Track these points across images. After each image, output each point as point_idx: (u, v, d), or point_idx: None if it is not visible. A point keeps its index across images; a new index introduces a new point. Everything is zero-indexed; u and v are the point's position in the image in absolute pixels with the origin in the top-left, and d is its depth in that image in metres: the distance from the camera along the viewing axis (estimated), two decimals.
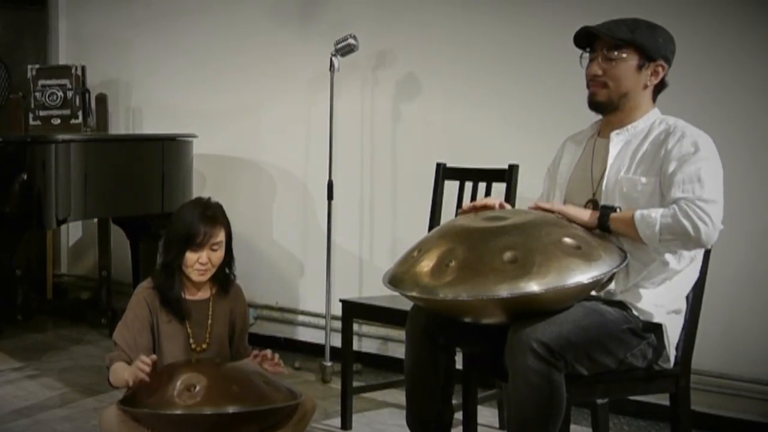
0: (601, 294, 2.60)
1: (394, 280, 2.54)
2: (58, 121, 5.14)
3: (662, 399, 2.98)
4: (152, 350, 2.90)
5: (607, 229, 2.55)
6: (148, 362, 2.72)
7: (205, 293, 3.01)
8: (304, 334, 4.80)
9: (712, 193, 2.46)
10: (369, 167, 4.55)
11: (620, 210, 2.55)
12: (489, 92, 4.17)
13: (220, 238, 2.92)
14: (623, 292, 2.58)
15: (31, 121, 5.17)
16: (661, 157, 2.56)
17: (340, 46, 4.23)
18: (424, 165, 4.00)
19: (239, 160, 5.04)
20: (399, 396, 3.82)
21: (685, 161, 2.51)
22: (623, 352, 2.52)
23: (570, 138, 2.87)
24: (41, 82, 5.17)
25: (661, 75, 2.65)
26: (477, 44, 4.19)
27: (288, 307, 4.87)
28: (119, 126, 5.56)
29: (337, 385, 3.86)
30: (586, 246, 2.44)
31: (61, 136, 4.07)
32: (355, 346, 4.09)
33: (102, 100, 5.39)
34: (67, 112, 5.15)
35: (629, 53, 2.62)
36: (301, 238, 4.81)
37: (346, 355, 3.60)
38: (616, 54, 2.62)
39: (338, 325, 3.84)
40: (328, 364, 4.26)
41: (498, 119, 4.15)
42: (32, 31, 5.86)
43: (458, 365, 2.78)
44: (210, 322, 2.98)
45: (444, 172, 3.82)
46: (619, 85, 2.64)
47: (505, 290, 2.32)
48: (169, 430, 2.73)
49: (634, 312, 2.56)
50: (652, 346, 2.58)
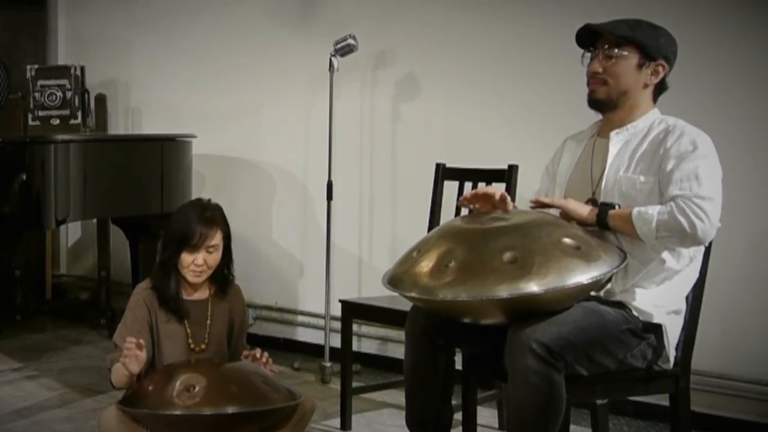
0: (601, 294, 2.60)
1: (394, 281, 2.54)
2: (58, 122, 5.13)
3: (662, 399, 2.98)
4: (152, 350, 2.90)
5: (606, 226, 2.55)
6: (133, 341, 2.73)
7: (203, 293, 3.00)
8: (304, 335, 4.80)
9: (710, 190, 2.46)
10: (368, 167, 4.55)
11: (619, 207, 2.55)
12: (489, 92, 4.16)
13: (216, 241, 2.91)
14: (622, 292, 2.58)
15: (31, 122, 5.16)
16: (660, 156, 2.56)
17: (340, 46, 4.22)
18: (424, 165, 4.00)
19: (239, 161, 5.04)
20: (398, 396, 3.81)
21: (683, 159, 2.51)
22: (623, 353, 2.52)
23: (570, 137, 2.87)
24: (40, 83, 5.16)
25: (661, 75, 2.65)
26: (477, 44, 4.18)
27: (287, 308, 4.87)
28: (118, 126, 5.56)
29: (336, 385, 3.86)
30: (586, 246, 2.43)
31: (61, 137, 4.06)
32: (355, 347, 4.08)
33: (101, 100, 5.39)
34: (67, 113, 5.14)
35: (630, 51, 2.62)
36: (301, 239, 4.81)
37: (345, 356, 3.60)
38: (616, 51, 2.62)
39: (337, 325, 3.84)
40: (328, 364, 4.26)
41: (498, 119, 4.14)
42: (31, 32, 5.86)
43: (458, 366, 2.78)
44: (209, 322, 2.98)
45: (443, 173, 3.82)
46: (619, 82, 2.64)
47: (504, 291, 2.32)
48: (169, 431, 2.72)
49: (634, 312, 2.56)
50: (652, 347, 2.58)
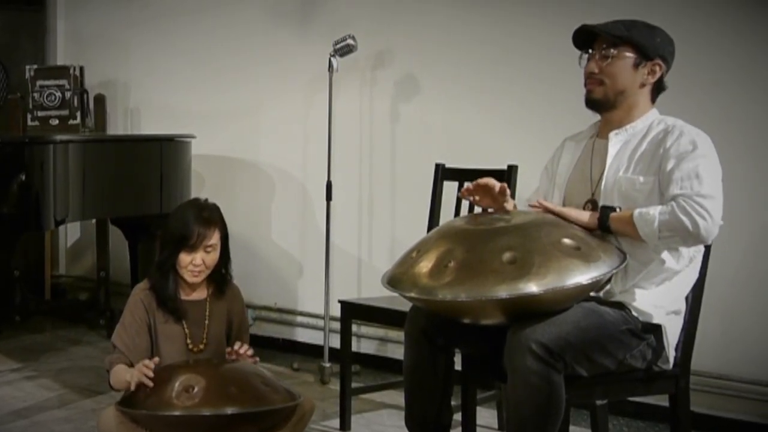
0: (601, 295, 2.59)
1: (393, 281, 2.53)
2: (57, 122, 5.13)
3: (662, 400, 2.98)
4: (150, 351, 2.89)
5: (608, 230, 2.55)
6: (151, 366, 2.72)
7: (201, 294, 3.00)
8: (303, 335, 4.80)
9: (711, 189, 2.46)
10: (368, 168, 4.54)
11: (620, 210, 2.55)
12: (488, 92, 4.16)
13: (214, 241, 2.90)
14: (622, 292, 2.58)
15: (30, 122, 5.17)
16: (660, 156, 2.55)
17: (339, 46, 4.22)
18: (423, 165, 4.00)
19: (238, 161, 5.04)
20: (398, 397, 3.81)
21: (683, 159, 2.50)
22: (622, 353, 2.52)
23: (569, 138, 2.87)
24: (39, 83, 5.16)
25: (658, 74, 2.65)
26: (476, 45, 4.18)
27: (287, 308, 4.86)
28: (117, 126, 5.56)
29: (335, 386, 3.85)
30: (586, 247, 2.43)
31: (60, 137, 4.06)
32: (354, 347, 4.08)
33: (100, 100, 5.39)
34: (66, 113, 5.14)
35: (626, 51, 2.62)
36: (300, 239, 4.80)
37: (344, 356, 3.60)
38: (612, 51, 2.62)
39: (337, 326, 3.84)
40: (327, 365, 4.25)
41: (497, 120, 4.14)
42: (30, 32, 5.86)
43: (457, 366, 2.78)
44: (207, 322, 2.97)
45: (443, 173, 3.81)
46: (615, 82, 2.64)
47: (504, 291, 2.32)
48: None
49: (634, 313, 2.55)
50: (652, 347, 2.57)
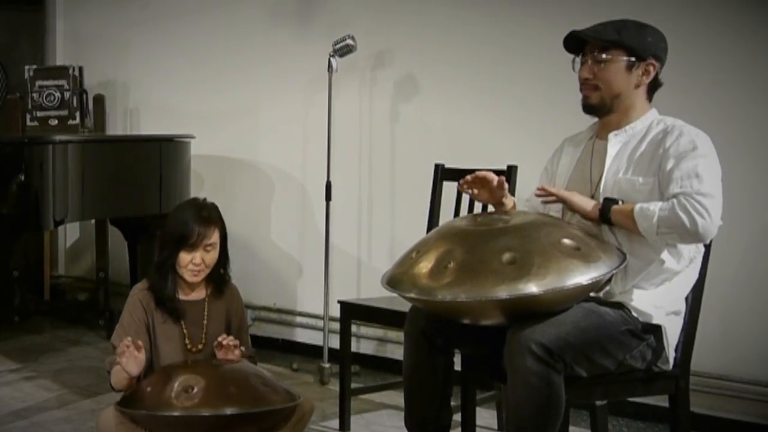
0: (600, 295, 2.59)
1: (393, 281, 2.53)
2: (56, 122, 5.13)
3: (661, 400, 2.98)
4: (149, 351, 2.89)
5: (609, 221, 2.56)
6: (127, 343, 2.71)
7: (199, 294, 3.00)
8: (302, 336, 4.79)
9: (711, 188, 2.46)
10: (367, 168, 4.54)
11: (622, 203, 2.55)
12: (488, 92, 4.16)
13: (214, 239, 2.91)
14: (622, 293, 2.58)
15: (29, 122, 5.16)
16: (659, 156, 2.56)
17: (339, 46, 4.22)
18: (423, 166, 4.00)
19: (237, 161, 5.03)
20: (397, 397, 3.81)
21: (682, 158, 2.51)
22: (622, 354, 2.52)
23: (568, 139, 2.87)
24: (38, 83, 5.16)
25: (652, 73, 2.65)
26: (475, 45, 4.18)
27: (286, 309, 4.86)
28: (117, 127, 5.55)
29: (335, 386, 3.85)
30: (585, 247, 2.43)
31: (59, 137, 4.05)
32: (354, 348, 4.07)
33: (99, 100, 5.38)
34: (65, 113, 5.14)
35: (618, 54, 2.62)
36: (299, 239, 4.80)
37: (344, 357, 3.59)
38: (604, 56, 2.62)
39: (336, 326, 3.84)
40: (327, 365, 4.25)
41: (497, 120, 4.14)
42: (29, 32, 5.85)
43: (457, 366, 2.78)
44: (205, 322, 2.97)
45: (442, 173, 3.81)
46: (610, 86, 2.64)
47: (503, 291, 2.32)
48: None
49: (633, 313, 2.55)
50: (652, 348, 2.57)
